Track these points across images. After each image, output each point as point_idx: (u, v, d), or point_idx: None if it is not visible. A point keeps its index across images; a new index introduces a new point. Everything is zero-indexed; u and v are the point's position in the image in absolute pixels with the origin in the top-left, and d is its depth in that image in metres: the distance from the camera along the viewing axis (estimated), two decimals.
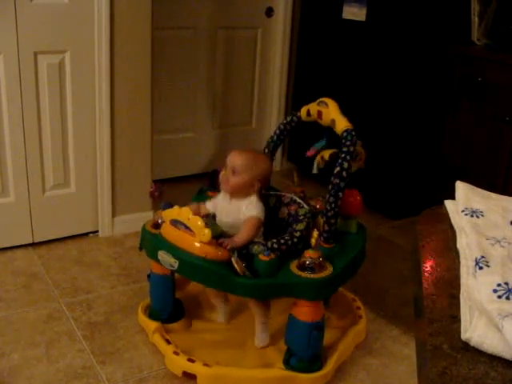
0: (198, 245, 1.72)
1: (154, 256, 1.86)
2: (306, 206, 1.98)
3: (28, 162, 2.55)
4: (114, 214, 2.83)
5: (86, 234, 2.84)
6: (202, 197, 2.14)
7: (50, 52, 2.48)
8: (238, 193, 1.92)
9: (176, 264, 1.77)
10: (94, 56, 2.55)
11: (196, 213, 1.93)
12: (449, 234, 1.04)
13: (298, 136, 2.21)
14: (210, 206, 2.00)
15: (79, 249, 2.72)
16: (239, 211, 1.90)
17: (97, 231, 2.85)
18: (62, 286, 2.41)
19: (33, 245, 2.69)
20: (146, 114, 2.77)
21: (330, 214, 1.87)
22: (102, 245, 2.77)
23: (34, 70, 2.45)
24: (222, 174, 1.95)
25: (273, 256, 1.75)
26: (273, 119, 3.80)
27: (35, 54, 2.44)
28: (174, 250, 1.78)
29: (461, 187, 1.13)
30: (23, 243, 2.67)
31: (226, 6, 3.43)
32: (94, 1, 2.47)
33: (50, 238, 2.73)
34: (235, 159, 1.93)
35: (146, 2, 2.60)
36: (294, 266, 1.77)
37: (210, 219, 1.92)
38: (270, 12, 3.58)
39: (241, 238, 1.82)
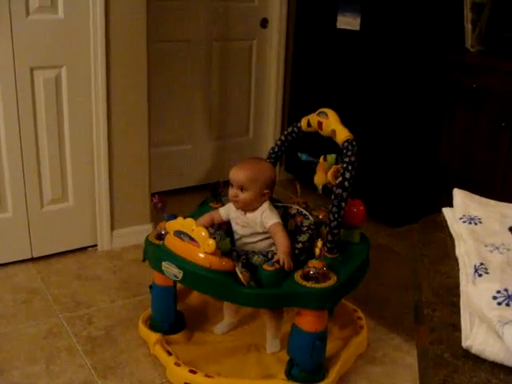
0: (202, 255, 1.73)
1: (157, 267, 1.86)
2: (311, 217, 1.98)
3: (26, 177, 2.55)
4: (112, 228, 2.83)
5: (85, 248, 2.83)
6: (205, 208, 2.15)
7: (46, 67, 2.48)
8: (251, 206, 1.92)
9: (180, 274, 1.77)
10: (91, 70, 2.56)
11: (209, 223, 1.96)
12: (448, 242, 1.04)
13: (295, 146, 2.21)
14: (222, 212, 1.99)
15: (78, 263, 2.71)
16: (255, 223, 1.91)
17: (96, 245, 2.84)
18: (61, 300, 2.40)
19: (32, 260, 2.68)
20: (142, 127, 2.77)
21: (333, 224, 1.87)
22: (101, 259, 2.77)
23: (30, 86, 2.46)
24: (230, 193, 1.93)
25: (277, 266, 1.76)
26: (269, 129, 3.81)
27: (31, 70, 2.44)
28: (178, 260, 1.78)
29: (458, 194, 1.14)
30: (22, 258, 2.66)
31: (220, 18, 3.44)
32: (90, 16, 2.48)
33: (48, 252, 2.72)
34: (239, 176, 1.90)
35: (141, 15, 2.61)
36: (298, 276, 1.77)
37: (221, 234, 1.93)
38: (264, 23, 3.60)
39: (283, 246, 1.82)
